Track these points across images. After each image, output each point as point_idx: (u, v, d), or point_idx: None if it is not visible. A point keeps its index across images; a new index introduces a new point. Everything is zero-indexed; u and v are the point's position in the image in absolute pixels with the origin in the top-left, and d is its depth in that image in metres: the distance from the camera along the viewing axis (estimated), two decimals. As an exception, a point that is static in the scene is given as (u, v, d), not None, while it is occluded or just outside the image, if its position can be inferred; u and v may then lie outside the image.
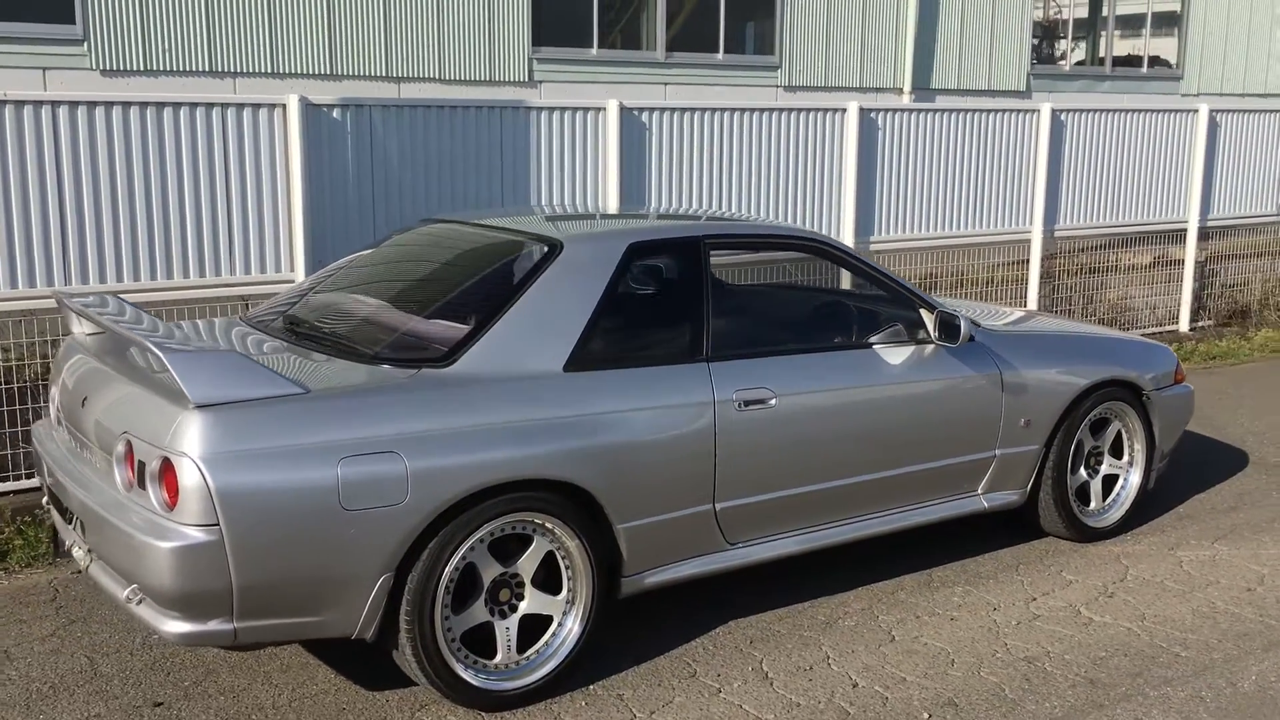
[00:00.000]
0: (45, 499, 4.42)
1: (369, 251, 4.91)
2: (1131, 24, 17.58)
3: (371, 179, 6.75)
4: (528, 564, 3.92)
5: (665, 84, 13.43)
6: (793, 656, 4.28)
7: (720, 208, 7.82)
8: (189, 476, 3.37)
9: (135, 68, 9.74)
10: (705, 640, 4.40)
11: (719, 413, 4.21)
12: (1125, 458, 5.47)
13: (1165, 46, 17.75)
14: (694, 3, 13.85)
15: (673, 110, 7.63)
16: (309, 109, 6.46)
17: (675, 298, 4.34)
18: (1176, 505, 5.85)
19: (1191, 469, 6.32)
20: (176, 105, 6.21)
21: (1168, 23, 17.59)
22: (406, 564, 3.66)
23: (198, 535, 3.38)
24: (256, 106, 6.41)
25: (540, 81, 12.74)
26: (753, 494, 4.35)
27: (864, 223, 8.41)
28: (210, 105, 6.30)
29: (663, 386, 4.14)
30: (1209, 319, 10.29)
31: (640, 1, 13.49)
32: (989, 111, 8.94)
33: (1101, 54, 17.22)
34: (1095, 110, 9.49)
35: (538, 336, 3.99)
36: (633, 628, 4.45)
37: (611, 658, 4.22)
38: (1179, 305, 10.05)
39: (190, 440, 3.39)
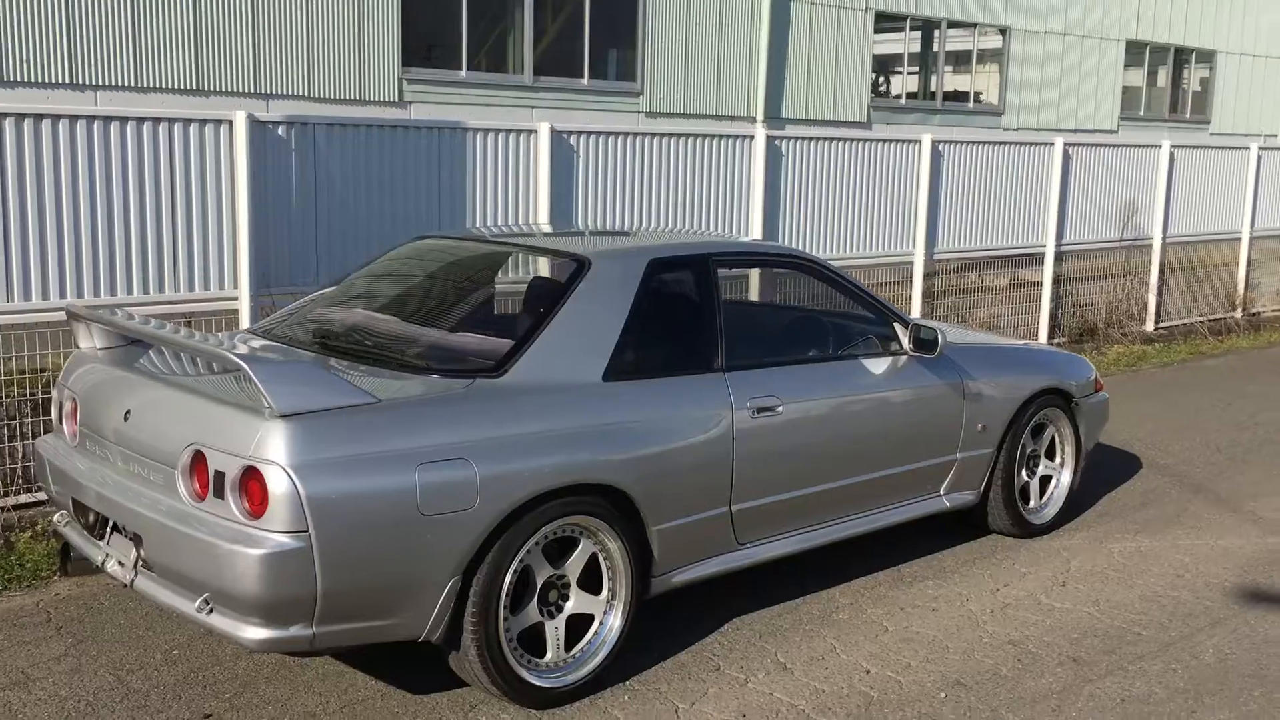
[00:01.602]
0: (58, 516, 4.35)
1: (371, 268, 4.99)
2: (959, 60, 18.67)
3: (315, 196, 6.76)
4: (574, 565, 4.09)
5: (533, 107, 13.65)
6: (803, 648, 4.56)
7: (642, 225, 8.08)
8: (278, 484, 3.43)
9: (-8, 78, 9.43)
10: (718, 637, 4.63)
11: (736, 420, 4.47)
12: (1058, 459, 5.96)
13: (989, 83, 18.93)
14: (557, 27, 14.13)
15: (598, 134, 7.87)
16: (255, 125, 6.44)
17: (692, 311, 4.58)
18: (1094, 504, 6.38)
19: (1097, 472, 6.88)
20: (124, 119, 6.13)
21: (992, 58, 18.75)
22: (473, 567, 3.79)
23: (287, 542, 3.44)
24: (203, 122, 6.37)
25: (410, 102, 12.81)
26: (762, 496, 4.61)
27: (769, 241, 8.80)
28: (157, 120, 6.24)
29: (689, 395, 4.38)
30: (1063, 336, 11.09)
31: (507, 25, 13.70)
32: (877, 141, 9.48)
33: (933, 89, 18.26)
34: (967, 142, 10.16)
35: (577, 348, 4.17)
36: (649, 628, 4.64)
37: (636, 656, 4.41)
38: (1038, 323, 10.82)
39: (277, 448, 3.45)
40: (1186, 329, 12.08)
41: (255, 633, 3.53)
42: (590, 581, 4.17)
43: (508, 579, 3.86)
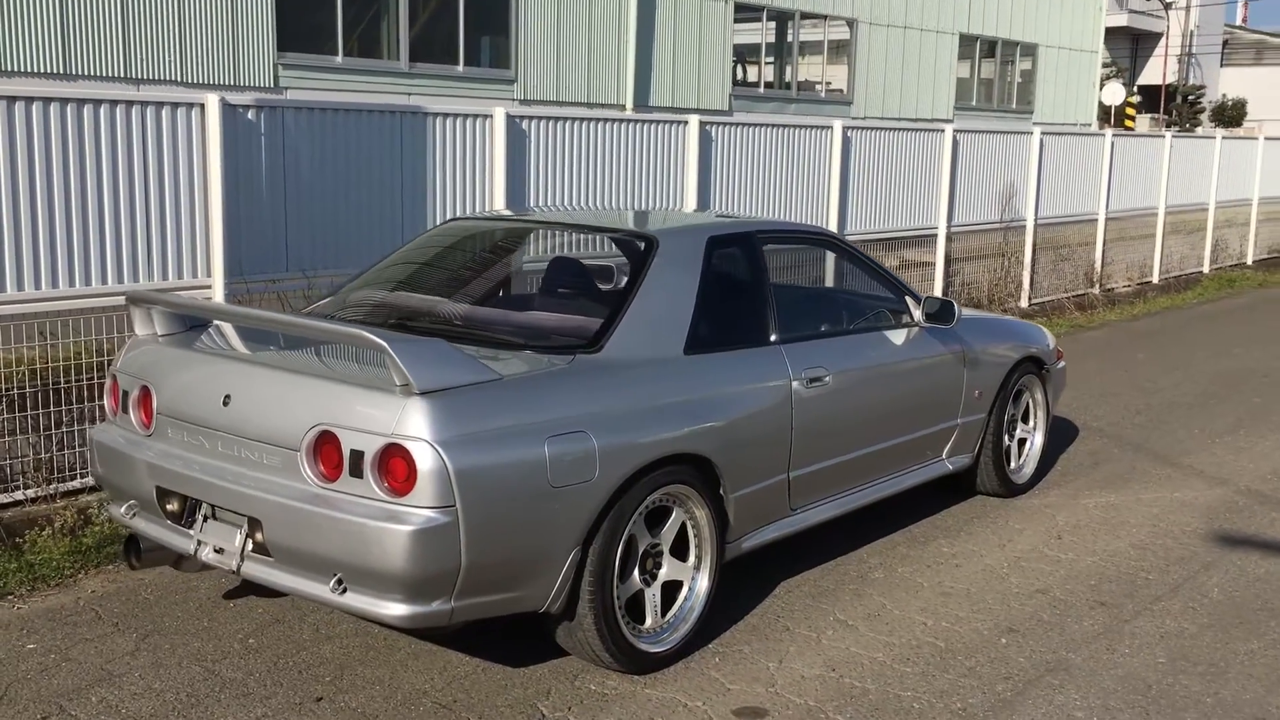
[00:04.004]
0: (125, 508, 4.22)
1: (412, 250, 4.95)
2: (811, 50, 19.27)
3: (284, 180, 6.62)
4: (668, 534, 4.21)
5: (409, 94, 13.56)
6: (856, 607, 4.78)
7: (587, 205, 8.17)
8: (426, 460, 3.44)
9: None
10: (774, 600, 4.81)
11: (794, 389, 4.65)
12: (1031, 423, 6.35)
13: (839, 74, 19.62)
14: (430, 12, 14.04)
15: (548, 119, 7.92)
16: (227, 109, 6.28)
17: (748, 286, 4.74)
18: (1054, 465, 6.81)
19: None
20: (97, 102, 5.89)
21: (842, 50, 19.42)
22: (590, 537, 3.86)
23: (436, 517, 3.46)
24: (175, 105, 6.17)
25: (285, 87, 12.60)
26: (814, 462, 4.81)
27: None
28: (130, 103, 6.02)
29: (755, 367, 4.54)
30: (953, 314, 11.64)
31: (381, 10, 13.55)
32: (794, 128, 9.79)
33: (788, 79, 18.82)
34: (871, 129, 10.58)
35: (660, 324, 4.28)
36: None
37: (709, 621, 4.52)
38: (932, 302, 11.32)
39: (421, 425, 3.46)
40: (1055, 304, 12.83)
41: (397, 609, 3.54)
42: (677, 549, 4.29)
43: (619, 548, 3.95)
